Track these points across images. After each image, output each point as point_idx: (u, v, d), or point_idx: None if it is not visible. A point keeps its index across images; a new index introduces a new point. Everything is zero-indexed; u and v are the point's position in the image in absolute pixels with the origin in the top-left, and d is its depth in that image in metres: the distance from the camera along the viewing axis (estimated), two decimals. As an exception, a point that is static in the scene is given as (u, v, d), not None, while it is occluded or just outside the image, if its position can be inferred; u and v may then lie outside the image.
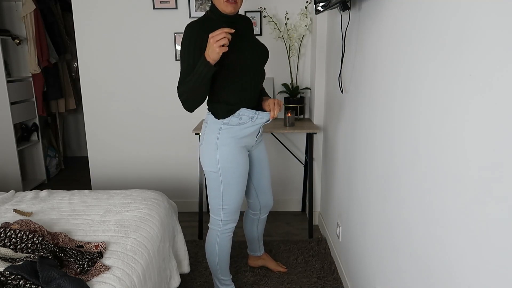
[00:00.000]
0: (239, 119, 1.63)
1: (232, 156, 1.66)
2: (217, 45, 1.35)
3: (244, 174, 1.72)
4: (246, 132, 1.66)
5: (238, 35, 1.59)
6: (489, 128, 0.78)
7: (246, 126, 1.65)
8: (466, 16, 0.87)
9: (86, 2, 2.79)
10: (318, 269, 2.21)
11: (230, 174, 1.68)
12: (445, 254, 0.96)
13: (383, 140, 1.43)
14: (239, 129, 1.64)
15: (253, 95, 1.66)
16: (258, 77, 1.65)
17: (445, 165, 0.96)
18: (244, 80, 1.60)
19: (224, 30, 1.35)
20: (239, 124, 1.63)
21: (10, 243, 1.40)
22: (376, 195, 1.51)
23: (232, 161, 1.67)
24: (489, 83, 0.78)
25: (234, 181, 1.70)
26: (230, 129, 1.64)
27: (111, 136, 3.03)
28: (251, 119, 1.64)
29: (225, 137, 1.64)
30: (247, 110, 1.63)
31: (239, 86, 1.60)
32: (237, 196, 1.73)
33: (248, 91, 1.62)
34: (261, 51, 1.66)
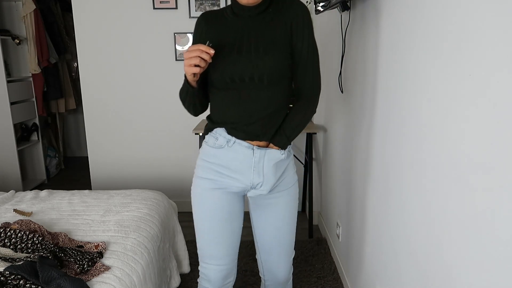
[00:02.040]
0: (215, 139, 1.26)
1: (199, 186, 1.29)
2: (186, 64, 1.09)
3: (214, 219, 1.28)
4: (225, 159, 1.25)
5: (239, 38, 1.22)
6: (490, 128, 0.78)
7: (223, 151, 1.25)
8: (466, 15, 0.87)
9: (86, 2, 2.79)
10: (318, 269, 2.21)
11: (194, 209, 1.32)
12: (445, 254, 0.96)
13: (383, 140, 1.43)
14: (215, 153, 1.26)
15: (250, 122, 1.22)
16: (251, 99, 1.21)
17: (445, 165, 0.96)
18: (229, 99, 1.22)
19: (199, 48, 1.06)
20: (214, 146, 1.26)
21: (10, 243, 1.40)
22: (376, 195, 1.51)
23: (196, 194, 1.30)
24: (489, 83, 0.78)
25: (199, 223, 1.31)
26: (207, 150, 1.28)
27: (111, 136, 3.02)
28: (227, 142, 1.24)
29: (201, 158, 1.31)
30: (226, 133, 1.25)
31: (223, 103, 1.24)
32: (209, 244, 1.31)
33: (236, 114, 1.22)
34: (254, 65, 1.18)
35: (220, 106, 1.26)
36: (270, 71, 1.18)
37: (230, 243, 1.32)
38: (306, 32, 1.21)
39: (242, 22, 1.23)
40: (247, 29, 1.22)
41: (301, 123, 1.27)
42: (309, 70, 1.25)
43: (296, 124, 1.26)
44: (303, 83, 1.26)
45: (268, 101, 1.22)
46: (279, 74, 1.20)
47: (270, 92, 1.21)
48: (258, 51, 1.19)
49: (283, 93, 1.24)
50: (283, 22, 1.21)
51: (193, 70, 1.10)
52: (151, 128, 3.00)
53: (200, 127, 2.56)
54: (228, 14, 1.26)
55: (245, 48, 1.20)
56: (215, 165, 1.27)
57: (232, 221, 1.32)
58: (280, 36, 1.21)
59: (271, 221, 1.34)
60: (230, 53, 1.20)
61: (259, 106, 1.21)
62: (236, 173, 1.25)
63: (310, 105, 1.27)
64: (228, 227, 1.31)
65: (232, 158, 1.24)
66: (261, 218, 1.36)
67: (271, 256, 1.39)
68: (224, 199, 1.29)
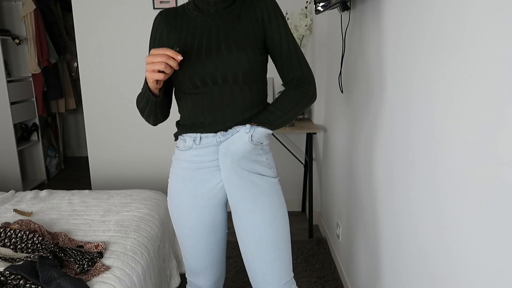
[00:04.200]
0: (184, 142, 1.17)
1: (175, 195, 1.20)
2: (149, 69, 0.97)
3: (196, 235, 1.20)
4: (196, 161, 1.14)
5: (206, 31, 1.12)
6: (491, 128, 0.78)
7: (192, 153, 1.15)
8: (466, 15, 0.87)
9: (86, 2, 2.79)
10: (318, 269, 2.21)
11: (174, 220, 1.23)
12: (445, 254, 0.96)
13: (384, 140, 1.43)
14: (185, 157, 1.16)
15: (218, 120, 1.12)
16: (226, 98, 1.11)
17: (445, 165, 0.96)
18: (200, 104, 1.12)
19: (166, 53, 0.95)
20: (184, 149, 1.16)
21: (10, 243, 1.40)
22: (376, 195, 1.51)
23: (174, 203, 1.21)
24: (489, 83, 0.78)
25: (179, 232, 1.24)
26: (177, 156, 1.20)
27: (111, 136, 3.02)
28: (194, 140, 1.14)
29: (173, 166, 1.21)
30: (192, 132, 1.15)
31: (190, 108, 1.14)
32: (190, 250, 1.24)
33: (206, 116, 1.12)
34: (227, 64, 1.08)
35: (190, 112, 1.14)
36: (245, 69, 1.08)
37: (216, 253, 1.26)
38: (281, 23, 1.13)
39: (208, 18, 1.12)
40: (214, 26, 1.11)
41: (291, 112, 1.13)
42: (295, 60, 1.14)
43: (287, 110, 1.12)
44: (292, 75, 1.15)
45: (244, 103, 1.12)
46: (255, 72, 1.11)
47: (246, 93, 1.11)
48: (230, 49, 1.08)
49: (259, 94, 1.15)
50: (253, 16, 1.12)
51: (157, 77, 0.97)
52: (151, 128, 3.00)
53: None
54: (191, 11, 1.15)
55: (215, 47, 1.09)
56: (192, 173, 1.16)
57: (215, 233, 1.22)
58: (251, 31, 1.11)
59: (250, 230, 1.15)
60: (199, 54, 1.09)
61: (234, 110, 1.11)
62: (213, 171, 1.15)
63: (306, 95, 1.13)
64: (212, 239, 1.22)
65: (208, 154, 1.14)
66: (239, 226, 1.18)
67: (254, 273, 1.19)
68: (205, 212, 1.18)
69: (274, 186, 1.18)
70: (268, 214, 1.14)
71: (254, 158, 1.15)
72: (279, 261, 1.17)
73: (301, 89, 1.13)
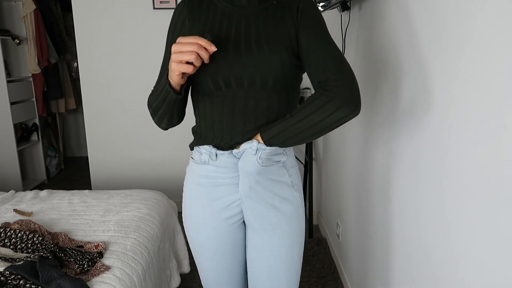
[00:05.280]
0: (200, 154, 1.04)
1: (190, 212, 1.08)
2: (176, 59, 0.83)
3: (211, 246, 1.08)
4: (213, 177, 1.02)
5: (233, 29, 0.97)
6: (492, 127, 0.78)
7: (208, 168, 1.02)
8: (467, 14, 0.87)
9: (86, 2, 2.79)
10: (318, 269, 2.21)
11: (189, 238, 1.12)
12: (446, 254, 0.96)
13: (383, 140, 1.43)
14: (201, 171, 1.04)
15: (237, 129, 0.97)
16: (246, 106, 0.96)
17: (444, 165, 0.96)
18: (219, 109, 0.98)
19: (198, 42, 0.82)
20: (200, 162, 1.04)
21: (10, 243, 1.40)
22: (376, 195, 1.51)
23: (190, 222, 1.09)
24: (490, 83, 0.78)
25: (196, 252, 1.12)
26: (193, 169, 1.07)
27: (111, 136, 3.02)
28: (209, 155, 1.01)
29: (187, 180, 1.10)
30: (209, 146, 1.01)
31: (209, 113, 1.00)
32: (208, 272, 1.13)
33: (225, 124, 0.98)
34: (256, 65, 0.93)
35: (208, 118, 1.00)
36: (277, 73, 0.93)
37: (238, 276, 1.14)
38: (317, 22, 0.95)
39: (239, 11, 0.98)
40: (245, 20, 0.97)
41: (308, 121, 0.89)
42: (322, 59, 0.91)
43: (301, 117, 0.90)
44: (318, 77, 0.91)
45: (269, 112, 0.96)
46: (287, 78, 0.95)
47: (273, 101, 0.96)
48: (261, 47, 0.93)
49: (289, 104, 0.99)
50: (289, 14, 0.96)
51: (185, 69, 0.84)
52: (151, 128, 3.00)
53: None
54: (220, 1, 1.00)
55: (244, 44, 0.94)
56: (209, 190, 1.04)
57: (236, 254, 1.10)
58: (286, 30, 0.96)
59: (264, 255, 1.06)
60: (225, 50, 0.94)
61: (257, 119, 0.96)
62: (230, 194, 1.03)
63: (329, 102, 0.87)
64: (233, 260, 1.10)
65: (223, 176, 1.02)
66: (252, 247, 1.08)
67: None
68: (224, 231, 1.06)
69: (297, 210, 1.06)
70: (286, 241, 1.04)
71: (275, 177, 1.01)
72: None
73: (328, 92, 0.88)
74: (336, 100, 0.87)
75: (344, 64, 0.91)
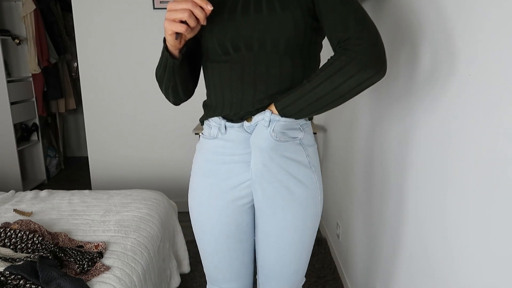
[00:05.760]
0: (209, 128, 0.98)
1: (196, 191, 1.02)
2: (169, 18, 0.78)
3: (217, 231, 1.02)
4: (222, 154, 0.97)
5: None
6: (492, 128, 0.78)
7: (217, 143, 0.96)
8: (467, 15, 0.87)
9: (86, 2, 2.79)
10: (318, 269, 2.21)
11: (193, 221, 1.08)
12: (445, 254, 0.96)
13: (383, 140, 1.43)
14: (210, 147, 0.98)
15: (247, 98, 0.91)
16: (258, 71, 0.89)
17: (443, 165, 0.96)
18: (227, 76, 0.91)
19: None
20: (209, 137, 0.98)
21: (10, 243, 1.40)
22: (376, 195, 1.51)
23: (194, 201, 1.04)
24: (489, 84, 0.78)
25: (198, 235, 1.08)
26: (202, 145, 1.02)
27: (111, 136, 3.02)
28: (219, 129, 0.95)
29: (196, 158, 1.04)
30: (218, 118, 0.95)
31: (217, 81, 0.93)
32: (209, 257, 1.07)
33: (235, 92, 0.91)
34: (267, 26, 0.86)
35: (217, 86, 0.93)
36: (289, 34, 0.85)
37: (242, 264, 1.07)
38: None
39: None
40: None
41: (328, 84, 0.81)
42: (342, 15, 0.81)
43: (320, 81, 0.81)
44: (338, 36, 0.82)
45: (282, 79, 0.88)
46: (301, 40, 0.87)
47: (286, 67, 0.88)
48: (272, 6, 0.85)
49: (304, 70, 0.90)
50: None
51: (177, 28, 0.78)
52: (151, 128, 3.00)
53: (201, 127, 2.56)
54: None
55: (254, 3, 0.86)
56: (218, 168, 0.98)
57: (241, 239, 1.04)
58: None
59: (273, 240, 1.01)
60: (232, 10, 0.87)
61: (268, 86, 0.88)
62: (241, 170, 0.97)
63: (352, 61, 0.78)
64: (236, 246, 1.04)
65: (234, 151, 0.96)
66: (261, 231, 1.03)
67: (266, 280, 1.09)
68: (229, 214, 1.00)
69: (313, 195, 0.98)
70: (299, 227, 0.98)
71: (291, 155, 0.93)
72: (296, 275, 1.08)
73: (350, 52, 0.79)
74: (359, 60, 0.78)
75: (367, 21, 0.81)
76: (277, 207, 0.97)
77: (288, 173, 0.94)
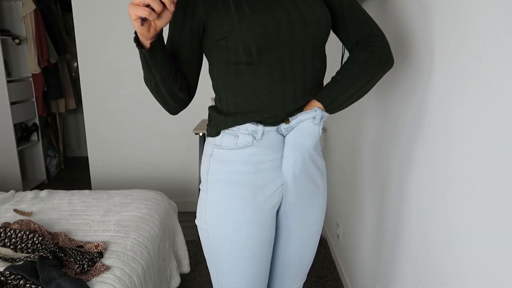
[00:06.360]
0: (235, 138, 0.89)
1: (231, 207, 0.92)
2: (133, 6, 0.71)
3: (252, 245, 0.94)
4: (254, 162, 0.90)
5: None
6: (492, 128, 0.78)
7: (248, 152, 0.89)
8: (469, 15, 0.87)
9: (86, 2, 2.79)
10: (318, 268, 2.21)
11: (223, 239, 0.94)
12: (445, 254, 0.96)
13: (383, 140, 1.43)
14: (238, 157, 0.90)
15: (281, 101, 0.87)
16: (298, 68, 0.87)
17: (445, 164, 0.96)
18: (261, 76, 0.85)
19: None
20: (235, 147, 0.90)
21: (10, 243, 1.40)
22: (377, 195, 1.51)
23: (230, 218, 0.92)
24: (489, 84, 0.78)
25: (230, 255, 0.95)
26: (223, 157, 0.91)
27: (111, 136, 3.03)
28: (253, 136, 0.88)
29: (217, 171, 0.92)
30: (250, 124, 0.88)
31: (250, 85, 0.86)
32: (243, 281, 0.97)
33: (274, 94, 0.86)
34: (305, 18, 0.84)
35: (248, 92, 0.86)
36: (326, 30, 0.85)
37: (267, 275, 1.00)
38: None
39: None
40: None
41: (364, 79, 0.88)
42: (359, 14, 0.91)
43: (358, 77, 0.88)
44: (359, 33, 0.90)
45: (314, 76, 0.87)
46: (328, 35, 0.88)
47: (317, 64, 0.87)
48: (308, 4, 0.84)
49: (324, 65, 0.92)
50: None
51: (140, 12, 0.71)
52: (151, 128, 3.00)
53: (201, 127, 2.56)
54: None
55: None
56: (248, 177, 0.91)
57: (271, 250, 0.98)
58: None
59: (298, 235, 0.99)
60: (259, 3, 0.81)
61: (306, 84, 0.86)
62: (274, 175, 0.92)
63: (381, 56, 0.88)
64: (269, 259, 0.97)
65: (269, 158, 0.90)
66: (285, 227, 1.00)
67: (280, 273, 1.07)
68: (266, 225, 0.94)
69: (325, 180, 1.02)
70: (320, 217, 1.00)
71: (317, 147, 0.95)
72: (307, 266, 1.09)
73: (373, 48, 0.88)
74: (383, 55, 0.89)
75: (375, 22, 0.93)
76: (306, 205, 0.97)
77: (317, 166, 0.95)
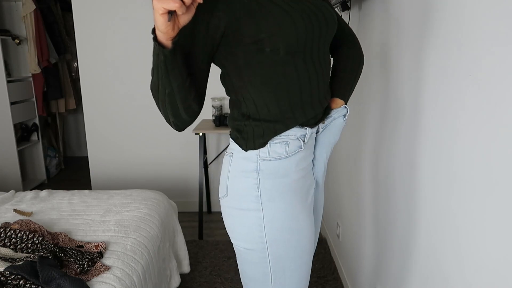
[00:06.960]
0: (286, 146, 0.84)
1: (292, 217, 0.88)
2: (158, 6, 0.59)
3: (311, 249, 0.94)
4: (302, 168, 0.89)
5: None
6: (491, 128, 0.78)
7: (297, 158, 0.86)
8: (468, 15, 0.87)
9: (86, 2, 2.79)
10: (318, 268, 2.21)
11: (286, 251, 0.89)
12: (445, 254, 0.96)
13: (384, 140, 1.43)
14: (290, 165, 0.86)
15: (318, 99, 0.87)
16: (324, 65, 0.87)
17: (442, 165, 0.96)
18: (299, 74, 0.82)
19: None
20: (286, 155, 0.85)
21: (10, 243, 1.40)
22: (377, 195, 1.51)
23: (292, 228, 0.88)
24: (489, 84, 0.78)
25: (294, 263, 0.91)
26: (276, 170, 0.85)
27: (111, 136, 3.03)
28: (302, 140, 0.85)
29: (272, 185, 0.85)
30: (297, 128, 0.85)
31: (295, 82, 0.83)
32: (305, 285, 0.96)
33: (307, 94, 0.84)
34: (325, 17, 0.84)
35: (290, 92, 0.82)
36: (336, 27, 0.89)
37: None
38: None
39: None
40: None
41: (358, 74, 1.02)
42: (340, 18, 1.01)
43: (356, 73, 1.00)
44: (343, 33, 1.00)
45: (328, 73, 0.91)
46: None
47: (329, 61, 0.92)
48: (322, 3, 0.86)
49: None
50: None
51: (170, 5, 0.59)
52: (151, 128, 3.00)
53: (201, 127, 2.56)
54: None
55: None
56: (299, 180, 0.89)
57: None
58: None
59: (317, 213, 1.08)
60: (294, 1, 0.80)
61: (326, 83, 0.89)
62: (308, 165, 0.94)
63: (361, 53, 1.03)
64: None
65: (310, 152, 0.91)
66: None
67: None
68: (313, 222, 0.94)
69: None
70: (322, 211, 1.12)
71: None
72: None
73: (355, 45, 1.01)
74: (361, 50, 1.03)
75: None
76: (321, 198, 1.07)
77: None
